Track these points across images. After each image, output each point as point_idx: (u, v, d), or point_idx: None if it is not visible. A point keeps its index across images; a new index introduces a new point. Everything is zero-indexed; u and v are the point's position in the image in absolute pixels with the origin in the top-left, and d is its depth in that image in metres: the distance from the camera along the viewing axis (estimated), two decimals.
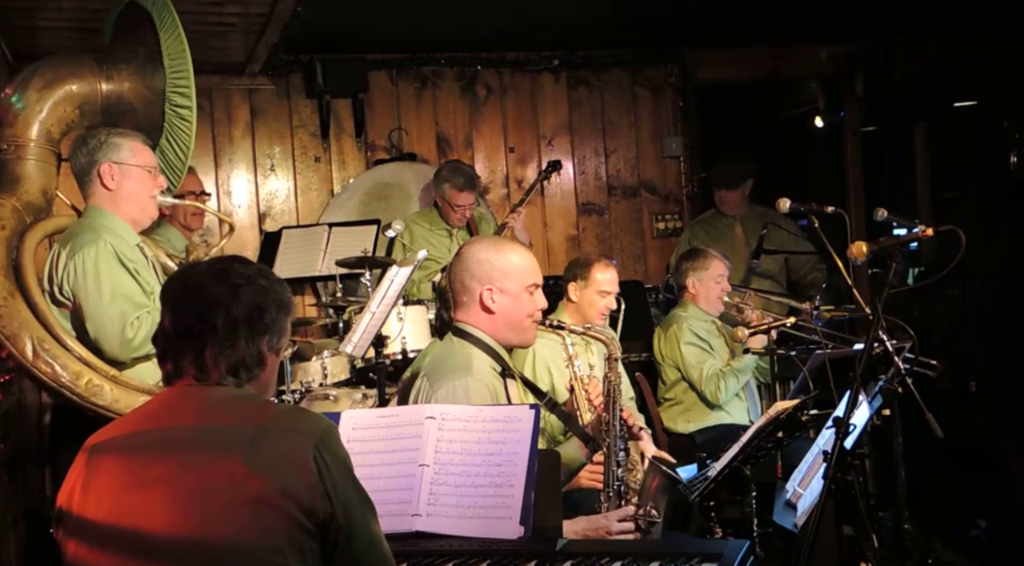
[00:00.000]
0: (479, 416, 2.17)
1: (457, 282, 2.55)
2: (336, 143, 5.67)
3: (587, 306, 3.84)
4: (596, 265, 3.85)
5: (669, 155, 6.23)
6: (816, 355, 3.69)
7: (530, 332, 2.58)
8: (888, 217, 3.55)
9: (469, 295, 2.53)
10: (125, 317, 2.90)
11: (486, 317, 2.53)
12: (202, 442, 1.71)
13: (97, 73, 3.24)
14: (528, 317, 2.56)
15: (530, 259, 2.60)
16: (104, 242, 2.96)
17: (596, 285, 3.82)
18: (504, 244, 2.62)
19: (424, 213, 5.27)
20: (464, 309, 2.55)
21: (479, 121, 5.93)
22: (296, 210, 5.61)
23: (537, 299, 2.58)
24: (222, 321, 1.75)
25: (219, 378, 1.77)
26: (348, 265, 4.51)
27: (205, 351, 1.76)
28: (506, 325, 2.54)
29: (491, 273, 2.52)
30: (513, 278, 2.53)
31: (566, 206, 6.06)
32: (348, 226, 5.10)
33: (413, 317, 4.25)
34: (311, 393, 4.13)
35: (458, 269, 2.55)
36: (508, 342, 2.57)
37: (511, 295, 2.53)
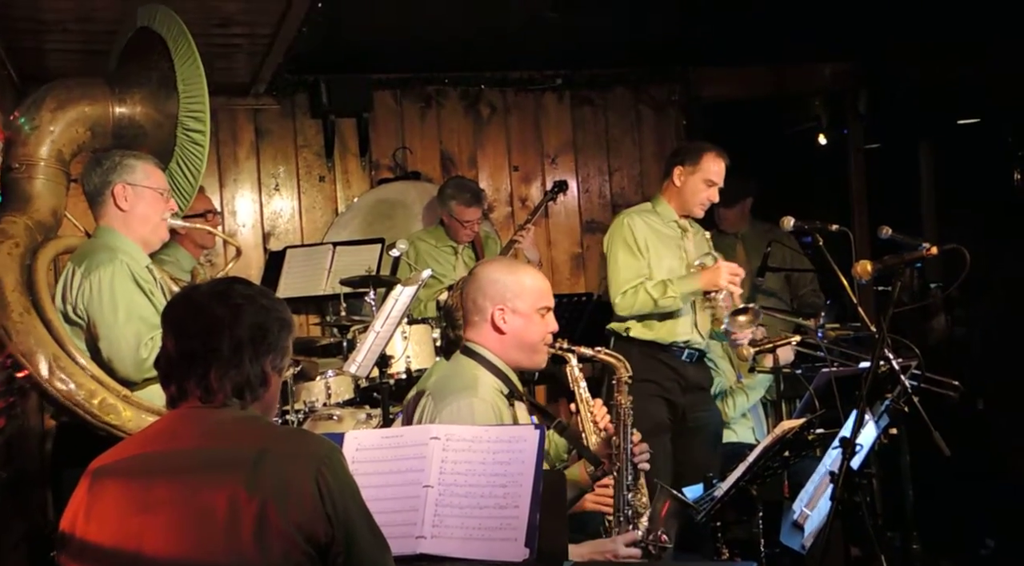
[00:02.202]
0: (484, 436, 2.16)
1: (469, 301, 2.56)
2: (340, 162, 5.69)
3: (690, 193, 3.84)
4: (708, 153, 3.82)
5: None
6: (822, 373, 3.67)
7: (540, 354, 2.59)
8: (892, 235, 3.55)
9: (480, 314, 2.54)
10: (140, 337, 2.90)
11: (496, 337, 2.54)
12: (204, 466, 1.70)
13: (110, 96, 3.27)
14: (539, 339, 2.55)
15: (543, 281, 2.62)
16: (120, 262, 2.97)
17: (704, 173, 3.81)
18: (518, 265, 2.65)
19: (430, 231, 5.27)
20: (474, 328, 2.56)
21: (483, 140, 5.94)
22: (300, 229, 5.62)
23: (548, 322, 2.59)
24: (226, 342, 1.76)
25: (225, 399, 1.77)
26: (352, 284, 4.52)
27: (210, 372, 1.76)
28: (516, 346, 2.54)
29: (504, 293, 2.53)
30: (525, 299, 2.54)
31: (570, 224, 6.07)
32: (352, 245, 5.11)
33: (418, 336, 4.24)
34: (315, 413, 4.13)
35: (470, 288, 2.56)
36: (518, 364, 2.57)
37: (523, 316, 2.53)
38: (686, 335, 3.89)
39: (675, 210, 3.93)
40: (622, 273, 3.85)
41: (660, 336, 3.86)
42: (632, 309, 3.82)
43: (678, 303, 3.81)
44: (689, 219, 3.98)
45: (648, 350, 3.85)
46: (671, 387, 3.86)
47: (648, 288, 3.80)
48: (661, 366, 3.85)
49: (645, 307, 3.80)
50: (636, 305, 3.81)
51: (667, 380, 3.85)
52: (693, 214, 3.93)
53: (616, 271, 3.87)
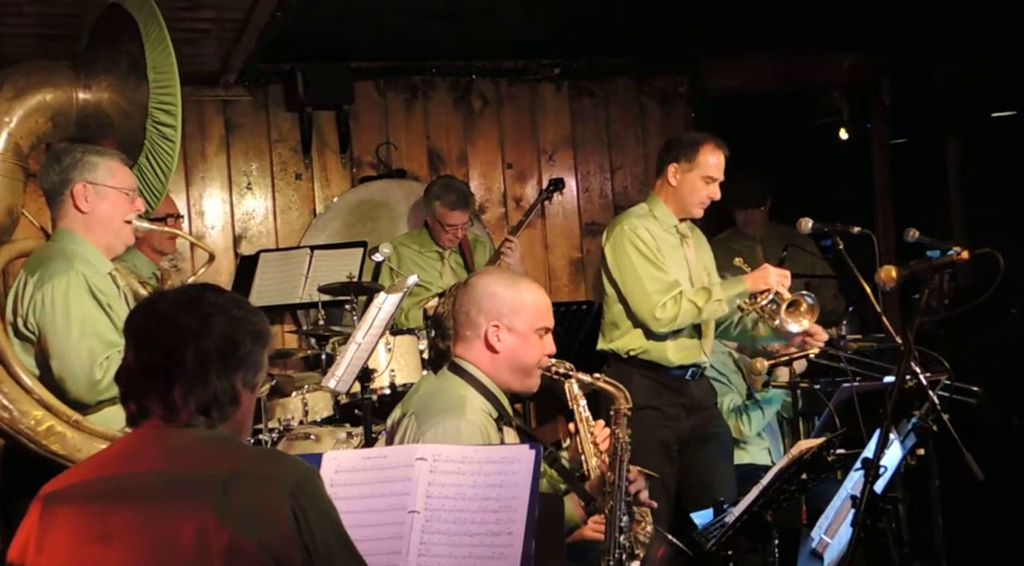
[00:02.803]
0: (474, 457, 2.16)
1: (462, 313, 2.55)
2: (319, 159, 5.68)
3: (687, 192, 3.75)
4: (704, 145, 3.72)
5: None
6: (843, 389, 3.67)
7: (533, 378, 2.58)
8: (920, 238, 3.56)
9: (473, 330, 2.53)
10: (94, 356, 2.88)
11: (488, 356, 2.53)
12: (168, 489, 1.69)
13: (74, 82, 3.23)
14: (534, 362, 2.55)
15: (544, 299, 2.60)
16: (76, 272, 2.93)
17: (702, 168, 3.72)
18: (519, 280, 2.63)
19: (413, 234, 5.27)
20: (465, 344, 2.55)
21: (474, 135, 5.94)
22: (275, 232, 5.61)
23: (546, 344, 2.58)
24: (192, 355, 1.74)
25: (188, 418, 1.75)
26: (331, 291, 4.50)
27: (173, 388, 1.75)
28: (509, 367, 2.54)
29: (500, 308, 2.52)
30: (524, 317, 2.53)
31: (569, 226, 6.07)
32: (331, 249, 5.10)
33: (402, 348, 4.23)
34: (290, 432, 4.11)
35: (465, 300, 2.55)
36: (508, 386, 2.57)
37: (519, 335, 2.53)
38: (693, 358, 3.82)
39: (673, 212, 3.84)
40: (650, 285, 3.71)
41: (665, 358, 3.80)
42: (673, 323, 3.69)
43: (724, 309, 3.73)
44: (687, 222, 3.90)
45: (649, 373, 3.80)
46: (675, 412, 3.82)
47: (689, 296, 3.69)
48: (664, 391, 3.80)
49: (687, 318, 3.69)
50: (679, 317, 3.68)
51: (671, 405, 3.81)
52: (692, 215, 3.86)
53: (640, 285, 3.72)
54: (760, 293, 3.72)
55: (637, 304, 3.75)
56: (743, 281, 3.74)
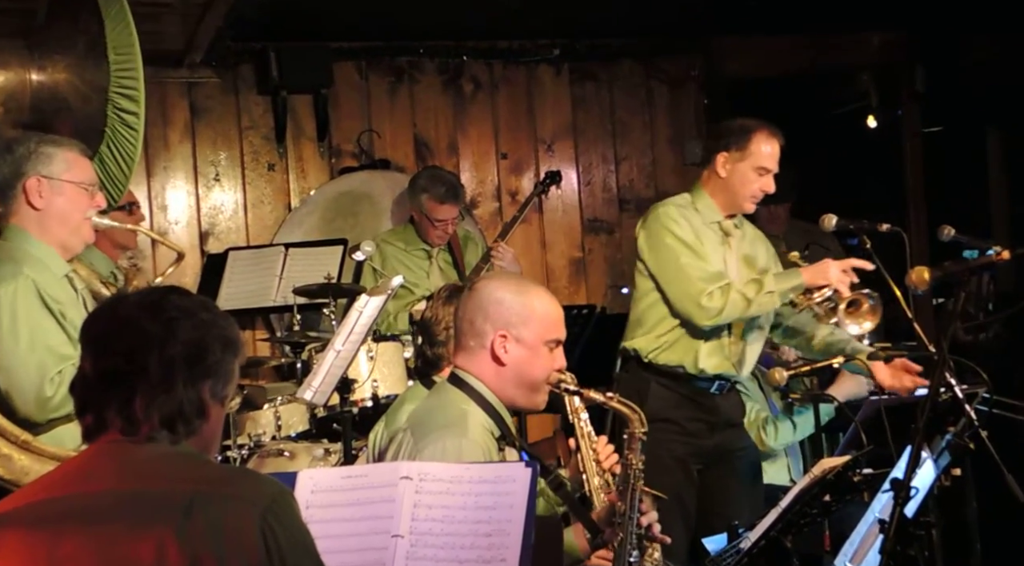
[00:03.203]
0: (464, 476, 2.15)
1: (465, 321, 2.55)
2: (294, 148, 5.68)
3: (738, 184, 3.71)
4: (758, 132, 3.69)
5: (691, 162, 6.22)
6: (870, 402, 3.68)
7: (541, 394, 2.58)
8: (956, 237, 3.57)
9: (478, 339, 2.53)
10: (45, 371, 2.87)
11: (493, 368, 2.53)
12: (126, 511, 1.69)
13: (27, 62, 3.23)
14: (543, 377, 2.56)
15: (556, 310, 2.60)
16: (25, 278, 2.92)
17: (755, 158, 3.68)
18: (529, 287, 2.62)
19: (398, 231, 5.27)
20: (468, 354, 2.56)
21: (465, 122, 5.94)
22: (245, 228, 5.61)
23: (556, 357, 2.58)
24: (155, 362, 1.74)
25: (151, 432, 1.75)
26: (308, 294, 4.52)
27: (134, 399, 1.74)
28: (516, 382, 2.54)
29: (509, 317, 2.52)
30: (533, 327, 2.53)
31: (569, 223, 6.07)
32: (308, 247, 5.11)
33: (386, 356, 4.23)
34: (262, 449, 4.12)
35: (470, 306, 2.56)
36: (513, 402, 2.57)
37: (527, 347, 2.53)
38: (718, 367, 3.78)
39: (719, 207, 3.80)
40: (693, 273, 3.66)
41: (692, 363, 3.76)
42: (720, 316, 3.64)
43: (775, 303, 3.68)
44: (737, 218, 3.85)
45: (669, 382, 3.77)
46: (697, 428, 3.79)
47: (738, 287, 3.65)
48: (684, 403, 3.77)
49: (735, 311, 3.64)
50: (725, 309, 3.62)
51: (691, 420, 3.78)
52: (742, 210, 3.82)
53: (682, 273, 3.67)
54: (817, 289, 3.68)
55: (679, 294, 3.69)
56: (800, 274, 3.68)
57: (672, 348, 3.78)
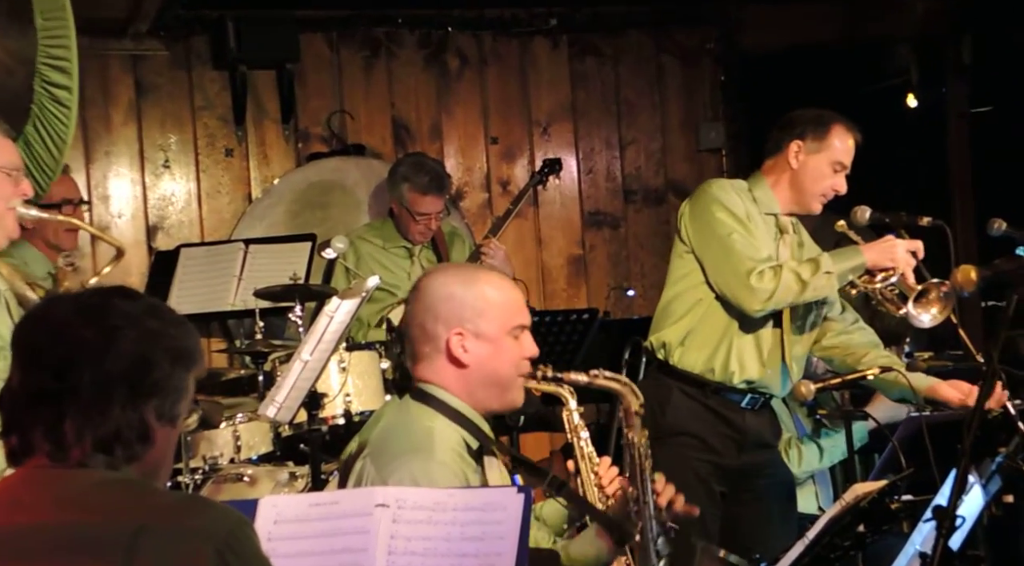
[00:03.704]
0: (448, 503, 2.14)
1: (415, 327, 2.56)
2: (255, 131, 5.68)
3: (810, 180, 3.72)
4: (838, 124, 3.71)
5: (706, 148, 6.25)
6: (909, 419, 3.68)
7: (515, 390, 2.58)
8: (1007, 231, 3.57)
9: (432, 344, 2.53)
10: None
11: (456, 373, 2.53)
12: (58, 548, 1.67)
13: None
14: (513, 370, 2.56)
15: (513, 292, 2.61)
16: None
17: (832, 152, 3.69)
18: (477, 273, 2.64)
19: (375, 226, 5.27)
20: (426, 363, 2.55)
21: (450, 102, 5.95)
22: (199, 221, 5.61)
23: (524, 345, 2.58)
24: (89, 378, 1.72)
25: (83, 457, 1.74)
26: (271, 296, 4.51)
27: (64, 420, 1.72)
28: (484, 382, 2.54)
29: (461, 313, 2.52)
30: (491, 318, 2.53)
31: (567, 216, 6.08)
32: (272, 243, 5.10)
33: (361, 367, 4.23)
34: (218, 473, 4.11)
35: (417, 309, 2.56)
36: (486, 406, 2.57)
37: (489, 341, 2.53)
38: (750, 373, 3.76)
39: (780, 201, 3.79)
40: (742, 250, 3.65)
41: (715, 366, 3.75)
42: (772, 298, 3.61)
43: (834, 287, 3.67)
44: (794, 218, 3.84)
45: (694, 391, 3.75)
46: (722, 445, 3.77)
47: (793, 266, 3.64)
48: (707, 415, 3.76)
49: (788, 294, 3.62)
50: (778, 291, 3.60)
51: (716, 435, 3.76)
52: (807, 209, 3.80)
53: (731, 250, 3.66)
54: (882, 270, 3.66)
55: (726, 272, 3.68)
56: (861, 252, 3.67)
57: (699, 346, 3.76)
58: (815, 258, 3.71)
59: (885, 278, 3.64)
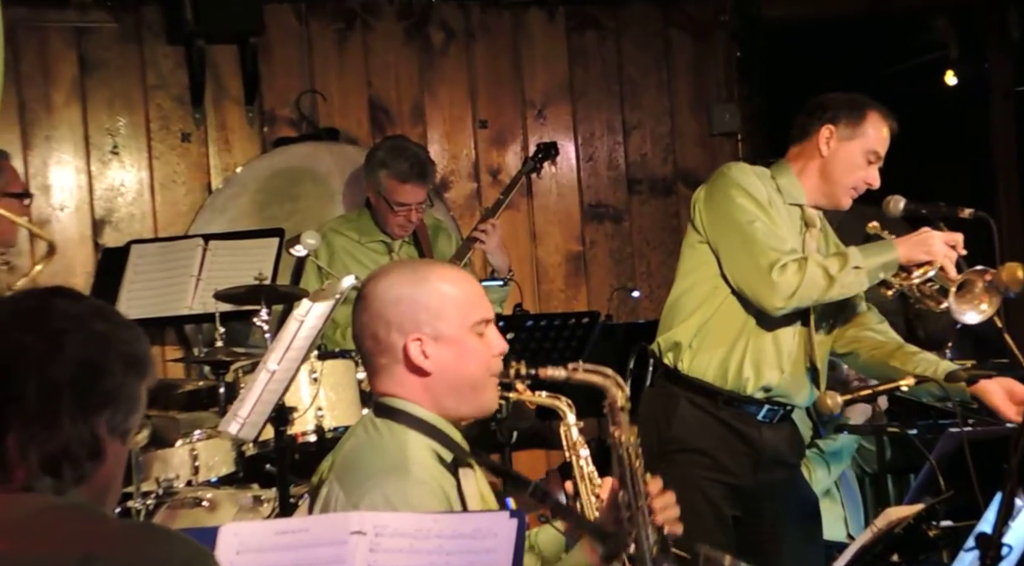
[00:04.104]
0: (432, 529, 2.14)
1: (368, 339, 2.56)
2: (215, 113, 5.67)
3: (841, 169, 3.75)
4: (874, 110, 3.75)
5: (720, 132, 6.27)
6: (949, 435, 3.68)
7: (488, 392, 2.58)
8: None
9: (388, 354, 2.54)
10: None
11: (419, 382, 2.53)
12: None
13: None
14: (483, 370, 2.57)
15: (469, 284, 2.62)
16: None
17: (867, 140, 3.73)
18: (427, 270, 2.64)
19: (350, 218, 5.28)
20: (385, 376, 2.56)
21: (434, 81, 5.95)
22: (153, 214, 5.60)
23: (491, 341, 2.59)
24: (34, 388, 1.73)
25: (28, 479, 1.74)
26: (234, 299, 4.51)
27: (6, 436, 1.73)
28: (451, 388, 2.54)
29: (416, 316, 2.52)
30: (450, 317, 2.54)
31: (565, 209, 6.08)
32: (234, 239, 5.11)
33: (335, 378, 4.26)
34: (174, 498, 4.11)
35: (366, 319, 2.56)
36: (458, 414, 2.57)
37: (451, 343, 2.53)
38: (767, 379, 3.78)
39: (807, 192, 3.82)
40: (764, 239, 3.67)
41: (729, 370, 3.76)
42: (795, 295, 3.62)
43: (863, 284, 3.69)
44: (820, 211, 3.86)
45: (703, 401, 3.76)
46: (734, 463, 3.77)
47: (819, 260, 3.66)
48: (718, 428, 3.76)
49: (813, 292, 3.63)
50: (801, 288, 3.61)
51: (728, 452, 3.77)
52: (835, 203, 3.83)
53: (752, 240, 3.68)
54: (919, 266, 3.67)
55: (746, 265, 3.70)
56: (894, 246, 3.69)
57: (711, 348, 3.76)
58: (843, 251, 3.73)
59: (923, 274, 3.65)
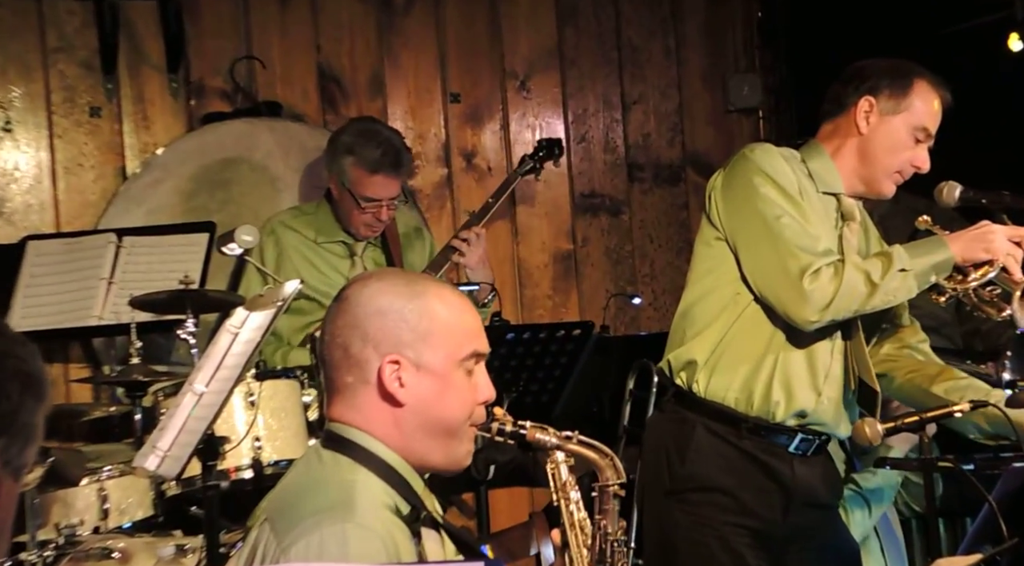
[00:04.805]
0: None
1: (336, 349, 2.57)
2: (131, 82, 5.67)
3: (884, 149, 3.78)
4: (922, 79, 3.78)
5: (738, 107, 6.29)
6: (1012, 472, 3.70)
7: (464, 443, 2.59)
8: None
9: (358, 373, 2.54)
10: None
11: (388, 413, 2.53)
12: None
13: None
14: (464, 415, 2.57)
15: (469, 313, 2.62)
16: None
17: (914, 114, 3.75)
18: (424, 284, 2.64)
19: (306, 212, 5.28)
20: (347, 398, 2.56)
21: (395, 46, 5.96)
22: (54, 205, 5.59)
23: (479, 383, 2.59)
24: None
25: None
26: (154, 307, 4.51)
27: None
28: (424, 429, 2.54)
29: (400, 334, 2.53)
30: (438, 344, 2.55)
31: (552, 199, 6.09)
32: (154, 235, 5.10)
33: (276, 402, 4.27)
34: (78, 548, 4.08)
35: (340, 325, 2.57)
36: (423, 459, 2.57)
37: (434, 375, 2.53)
38: (801, 402, 3.79)
39: (843, 177, 3.85)
40: (794, 239, 3.68)
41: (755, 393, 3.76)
42: (830, 306, 3.62)
43: (912, 290, 3.69)
44: (861, 201, 3.90)
45: (722, 429, 3.76)
46: (762, 506, 3.78)
47: (858, 263, 3.67)
48: (744, 463, 3.78)
49: (852, 301, 3.64)
50: (837, 299, 3.62)
51: (754, 491, 3.78)
52: (879, 190, 3.85)
53: (779, 239, 3.69)
54: (977, 267, 3.68)
55: (771, 269, 3.72)
56: (946, 245, 3.70)
57: (731, 365, 3.76)
58: (886, 252, 3.73)
59: (982, 276, 3.66)
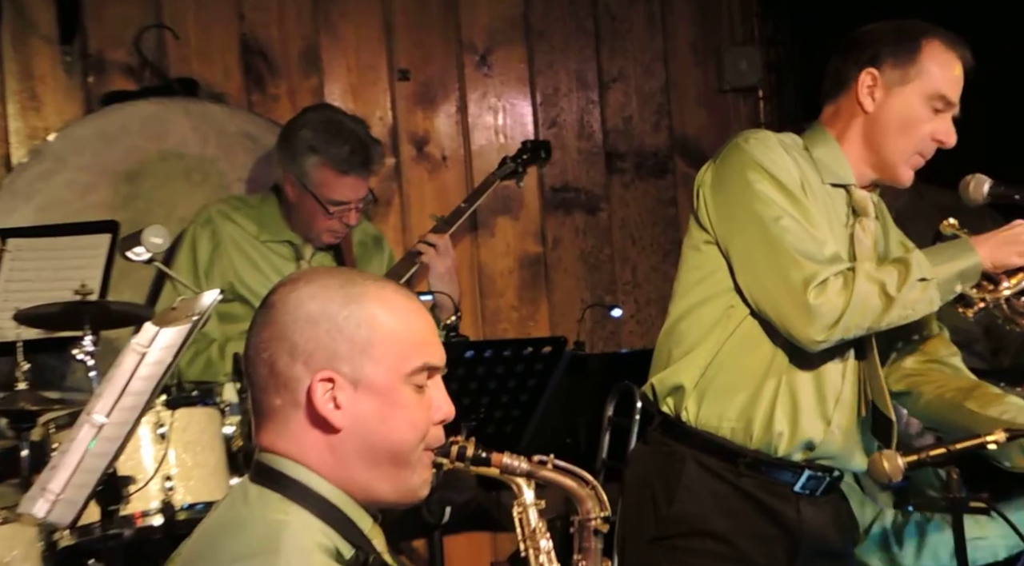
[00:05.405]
0: None
1: (262, 365, 2.56)
2: (16, 56, 5.69)
3: (895, 128, 3.83)
4: (934, 39, 3.80)
5: (734, 86, 6.32)
6: None
7: (417, 472, 2.59)
8: None
9: (286, 393, 2.54)
10: None
11: (321, 440, 2.53)
12: None
13: None
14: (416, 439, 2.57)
15: (416, 317, 2.62)
16: None
17: (929, 81, 3.79)
18: (362, 286, 2.62)
19: (250, 204, 5.35)
20: (276, 424, 2.57)
21: (334, 15, 6.01)
22: None
23: (434, 399, 2.60)
24: None
25: None
26: (45, 321, 4.54)
27: None
28: (364, 455, 2.54)
29: (334, 346, 2.53)
30: (380, 356, 2.54)
31: (518, 194, 6.10)
32: (46, 236, 5.11)
33: (191, 433, 4.30)
34: None
35: (265, 337, 2.57)
36: (368, 492, 2.57)
37: (375, 392, 2.53)
38: (807, 433, 3.84)
39: (852, 163, 3.90)
40: (796, 244, 3.71)
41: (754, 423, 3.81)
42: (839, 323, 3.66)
43: (934, 302, 3.74)
44: (877, 189, 3.94)
45: (717, 464, 3.82)
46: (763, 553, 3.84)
47: (871, 272, 3.70)
48: (742, 504, 3.83)
49: (865, 317, 3.68)
50: (847, 314, 3.66)
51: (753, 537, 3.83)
52: (894, 177, 3.90)
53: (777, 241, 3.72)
54: (1010, 274, 3.74)
55: (769, 281, 3.75)
56: (972, 249, 3.76)
57: (726, 390, 3.80)
58: (904, 258, 3.77)
59: (1015, 284, 3.73)
